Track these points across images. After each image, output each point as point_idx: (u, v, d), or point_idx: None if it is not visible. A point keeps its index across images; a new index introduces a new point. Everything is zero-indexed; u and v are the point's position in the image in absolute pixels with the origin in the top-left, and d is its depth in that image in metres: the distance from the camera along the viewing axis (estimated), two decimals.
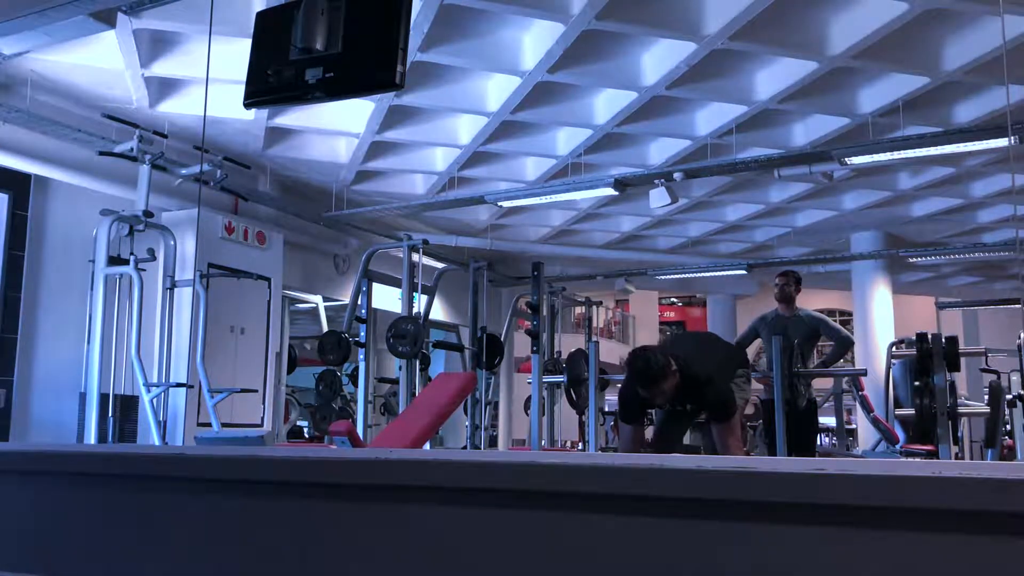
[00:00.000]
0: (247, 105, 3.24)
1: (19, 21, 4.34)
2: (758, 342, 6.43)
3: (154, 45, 6.02)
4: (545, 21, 5.63)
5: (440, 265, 9.33)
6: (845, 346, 6.30)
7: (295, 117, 7.28)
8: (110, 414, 6.08)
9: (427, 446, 5.24)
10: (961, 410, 6.21)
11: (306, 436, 9.70)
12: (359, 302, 7.46)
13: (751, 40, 5.74)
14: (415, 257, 7.44)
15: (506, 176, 8.70)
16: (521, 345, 11.18)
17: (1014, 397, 6.74)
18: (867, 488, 1.33)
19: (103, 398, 6.08)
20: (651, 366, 3.90)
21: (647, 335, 20.76)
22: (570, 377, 7.95)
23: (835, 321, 7.20)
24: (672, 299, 23.92)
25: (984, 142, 6.62)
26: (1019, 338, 7.18)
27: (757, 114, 7.00)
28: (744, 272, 11.40)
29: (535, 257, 9.58)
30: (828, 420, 10.88)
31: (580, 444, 9.67)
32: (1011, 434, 7.10)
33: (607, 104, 7.02)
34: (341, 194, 8.89)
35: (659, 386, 3.92)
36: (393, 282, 7.90)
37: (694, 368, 4.02)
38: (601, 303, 10.62)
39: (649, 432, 5.20)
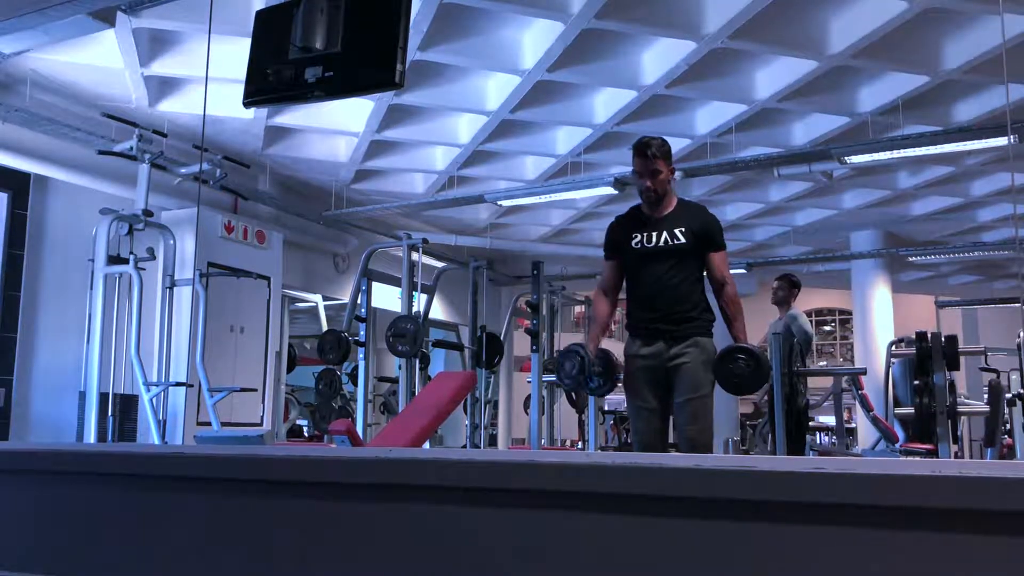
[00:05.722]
0: (247, 104, 3.25)
1: (19, 20, 4.34)
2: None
3: (153, 44, 6.02)
4: (545, 20, 5.63)
5: (440, 264, 9.33)
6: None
7: (295, 116, 7.28)
8: (110, 413, 6.08)
9: (427, 445, 5.24)
10: (961, 409, 6.21)
11: (306, 435, 9.71)
12: (359, 301, 7.46)
13: (751, 39, 5.74)
14: (415, 256, 7.44)
15: (506, 175, 8.70)
16: (521, 344, 11.18)
17: (1014, 396, 6.75)
18: (866, 487, 1.33)
19: (103, 397, 6.08)
20: (656, 139, 3.60)
21: None
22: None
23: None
24: None
25: (984, 141, 6.62)
26: (1019, 337, 7.19)
27: (757, 113, 7.00)
28: (744, 271, 11.40)
29: (535, 256, 9.58)
30: (828, 419, 10.89)
31: (580, 443, 9.67)
32: (1011, 433, 7.11)
33: (607, 103, 7.02)
34: (341, 193, 8.89)
35: (654, 162, 3.55)
36: (393, 281, 7.90)
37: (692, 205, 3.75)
38: None
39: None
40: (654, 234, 3.61)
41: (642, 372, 3.60)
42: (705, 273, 3.65)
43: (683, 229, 3.58)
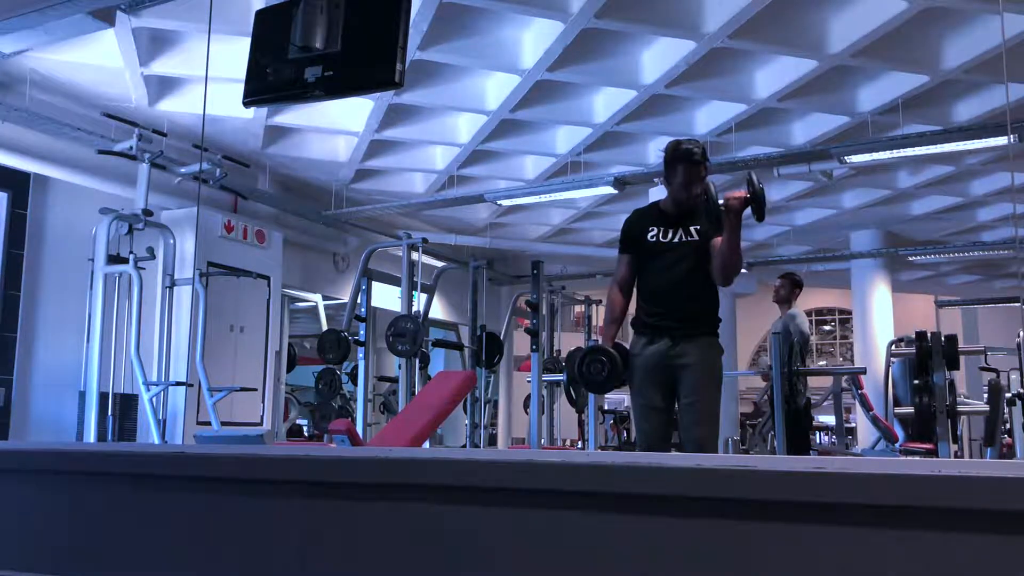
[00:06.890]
0: (246, 104, 3.25)
1: (19, 19, 4.34)
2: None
3: (153, 43, 6.03)
4: (545, 19, 5.62)
5: (440, 264, 9.34)
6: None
7: (294, 115, 7.28)
8: (109, 413, 6.08)
9: (426, 444, 5.24)
10: (960, 408, 6.21)
11: (305, 435, 9.72)
12: (359, 300, 7.47)
13: (751, 38, 5.74)
14: (414, 255, 7.44)
15: (506, 175, 8.70)
16: (521, 343, 11.17)
17: (1013, 395, 6.75)
18: (866, 487, 1.33)
19: (103, 397, 6.08)
20: (697, 144, 3.58)
21: None
22: (570, 376, 7.95)
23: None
24: None
25: (983, 140, 6.63)
26: (1018, 336, 7.19)
27: (756, 112, 7.00)
28: (744, 271, 11.40)
29: (535, 255, 9.58)
30: (828, 419, 10.89)
31: (580, 443, 9.67)
32: (1011, 432, 7.11)
33: (607, 102, 7.02)
34: (340, 192, 8.89)
35: (701, 168, 3.57)
36: (393, 280, 7.90)
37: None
38: (601, 301, 10.61)
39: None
40: (671, 230, 3.61)
41: (647, 370, 3.55)
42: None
43: (699, 227, 3.59)
